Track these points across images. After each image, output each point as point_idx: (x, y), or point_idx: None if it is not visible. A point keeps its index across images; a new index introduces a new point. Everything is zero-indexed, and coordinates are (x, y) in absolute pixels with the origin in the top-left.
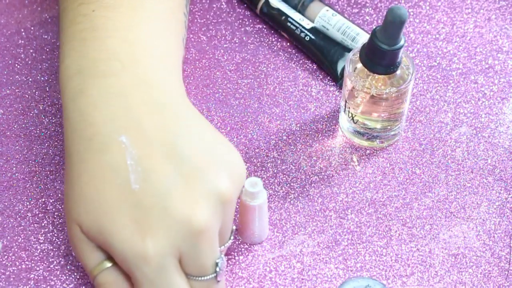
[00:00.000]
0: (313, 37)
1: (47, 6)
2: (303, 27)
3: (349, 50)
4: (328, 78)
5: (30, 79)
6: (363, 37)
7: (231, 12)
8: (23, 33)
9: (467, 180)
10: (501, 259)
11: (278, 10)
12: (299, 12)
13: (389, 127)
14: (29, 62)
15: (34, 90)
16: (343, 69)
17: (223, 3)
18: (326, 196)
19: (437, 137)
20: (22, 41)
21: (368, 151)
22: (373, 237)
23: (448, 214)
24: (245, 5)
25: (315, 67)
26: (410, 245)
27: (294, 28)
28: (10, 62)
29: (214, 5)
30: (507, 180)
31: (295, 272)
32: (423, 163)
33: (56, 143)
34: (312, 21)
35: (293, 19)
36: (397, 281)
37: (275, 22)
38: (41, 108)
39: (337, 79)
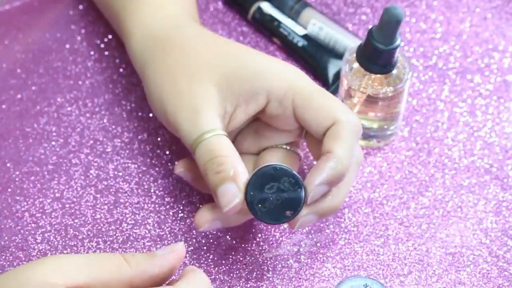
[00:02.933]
0: (305, 43)
1: (45, 10)
2: (296, 33)
3: (341, 57)
4: None
5: (29, 82)
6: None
7: (228, 13)
8: (21, 37)
9: (463, 179)
10: (498, 258)
11: (271, 16)
12: (292, 18)
13: (385, 127)
14: (26, 65)
15: (31, 92)
16: (334, 75)
17: (220, 3)
18: None
19: (433, 136)
20: (20, 48)
21: (364, 151)
22: (370, 236)
23: (445, 213)
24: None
25: None
26: (407, 244)
27: (286, 34)
28: (8, 67)
29: (211, 6)
30: (503, 179)
31: (292, 271)
32: (420, 162)
33: (53, 143)
34: (305, 28)
35: (285, 25)
36: (395, 280)
37: (267, 29)
38: (38, 108)
39: (329, 86)
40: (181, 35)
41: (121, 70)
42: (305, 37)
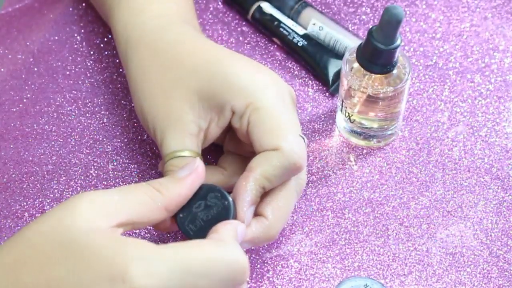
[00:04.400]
0: (305, 43)
1: (45, 10)
2: (296, 33)
3: (341, 57)
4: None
5: (29, 82)
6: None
7: (228, 12)
8: (21, 39)
9: (464, 179)
10: (499, 258)
11: (271, 15)
12: (292, 18)
13: (386, 127)
14: (26, 65)
15: (31, 92)
16: (335, 75)
17: (220, 3)
18: (323, 195)
19: (434, 136)
20: (20, 47)
21: (365, 151)
22: (371, 236)
23: (445, 213)
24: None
25: None
26: (407, 244)
27: (286, 33)
28: (9, 67)
29: (211, 5)
30: (503, 179)
31: (292, 271)
32: (420, 162)
33: (53, 143)
34: (305, 28)
35: (286, 25)
36: (395, 280)
37: (267, 28)
38: (38, 108)
39: (329, 86)
40: (159, 42)
41: (121, 70)
42: (305, 37)
